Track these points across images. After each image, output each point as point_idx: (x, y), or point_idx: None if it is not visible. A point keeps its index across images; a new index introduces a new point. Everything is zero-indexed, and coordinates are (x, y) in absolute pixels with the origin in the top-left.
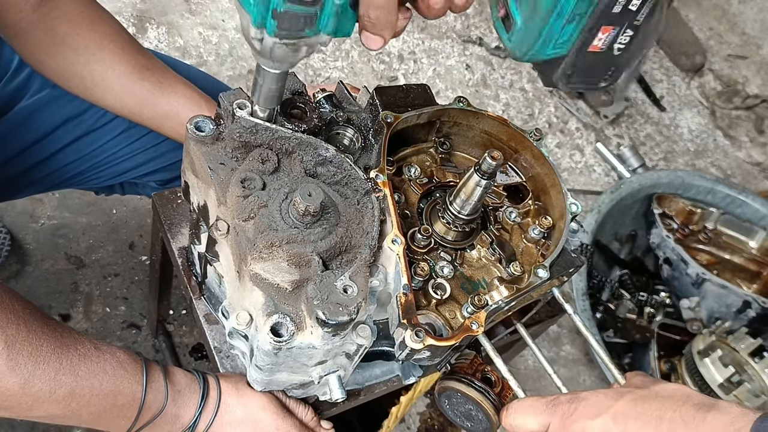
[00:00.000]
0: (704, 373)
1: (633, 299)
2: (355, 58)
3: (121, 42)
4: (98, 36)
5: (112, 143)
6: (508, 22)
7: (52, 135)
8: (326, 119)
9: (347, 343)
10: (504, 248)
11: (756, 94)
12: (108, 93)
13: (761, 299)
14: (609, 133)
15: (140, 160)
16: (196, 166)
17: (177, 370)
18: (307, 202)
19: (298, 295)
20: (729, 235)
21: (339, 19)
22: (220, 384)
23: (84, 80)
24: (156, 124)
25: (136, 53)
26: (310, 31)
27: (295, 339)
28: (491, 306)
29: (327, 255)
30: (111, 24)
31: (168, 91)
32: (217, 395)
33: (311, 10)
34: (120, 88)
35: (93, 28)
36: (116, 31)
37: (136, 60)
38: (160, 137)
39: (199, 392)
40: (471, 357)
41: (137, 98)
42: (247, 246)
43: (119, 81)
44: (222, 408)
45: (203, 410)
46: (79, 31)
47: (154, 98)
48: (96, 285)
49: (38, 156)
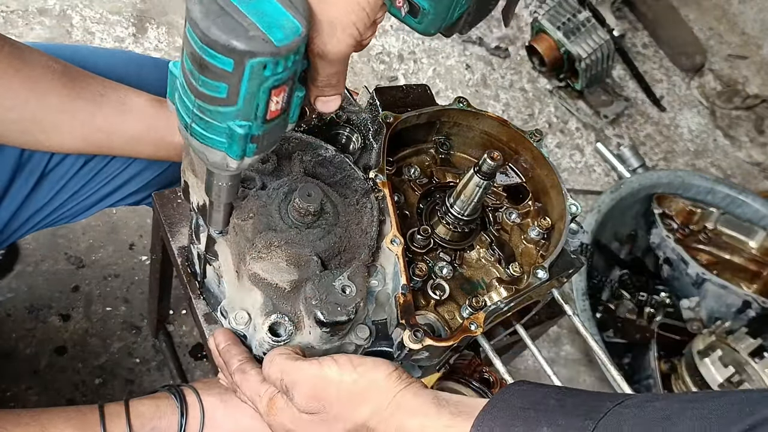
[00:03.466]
0: (704, 373)
1: (633, 299)
2: (355, 58)
3: (58, 77)
4: (31, 83)
5: (73, 181)
6: (413, 11)
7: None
8: (326, 119)
9: (346, 343)
10: (503, 249)
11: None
12: (66, 136)
13: (761, 299)
14: (609, 133)
15: (107, 190)
16: (196, 166)
17: (145, 401)
18: (307, 202)
19: (296, 295)
20: (729, 235)
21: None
22: (202, 399)
23: (32, 132)
24: (127, 151)
25: (76, 83)
26: (282, 132)
27: (293, 339)
28: (490, 307)
29: (326, 255)
30: (39, 62)
31: (127, 112)
32: (200, 413)
33: (284, 116)
34: (80, 127)
35: (22, 76)
36: (48, 68)
37: (83, 90)
38: (126, 161)
39: (177, 414)
40: (470, 358)
41: (101, 131)
42: (246, 246)
43: (77, 120)
44: (208, 423)
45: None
46: (10, 86)
47: (119, 124)
48: (96, 285)
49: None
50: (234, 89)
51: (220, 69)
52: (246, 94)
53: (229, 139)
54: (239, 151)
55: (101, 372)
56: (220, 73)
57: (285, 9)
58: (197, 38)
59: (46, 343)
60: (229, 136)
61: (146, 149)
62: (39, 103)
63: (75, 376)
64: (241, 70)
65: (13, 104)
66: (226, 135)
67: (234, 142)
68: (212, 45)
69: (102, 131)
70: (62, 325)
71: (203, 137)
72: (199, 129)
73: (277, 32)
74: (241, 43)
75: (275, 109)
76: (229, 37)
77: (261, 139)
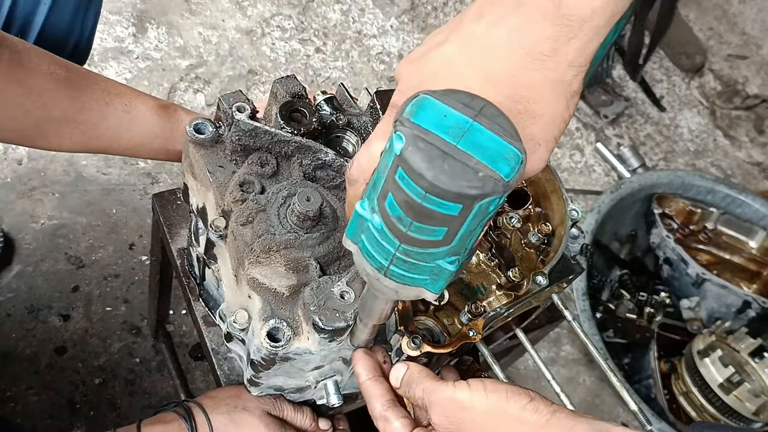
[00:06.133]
0: (704, 373)
1: (633, 299)
2: (355, 58)
3: (62, 86)
4: (34, 95)
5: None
6: None
7: None
8: (326, 122)
9: (344, 348)
10: (503, 253)
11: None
12: (66, 142)
13: (761, 299)
14: (609, 133)
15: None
16: (195, 169)
17: (156, 426)
18: (306, 207)
19: (295, 300)
20: (729, 235)
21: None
22: (211, 419)
23: (32, 138)
24: (127, 155)
25: (80, 91)
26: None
27: (291, 344)
28: (489, 313)
29: (325, 260)
30: (41, 68)
31: (132, 121)
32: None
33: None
34: (82, 135)
35: (24, 88)
36: (51, 76)
37: (88, 100)
38: None
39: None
40: (469, 363)
41: (103, 138)
42: (245, 250)
43: (79, 130)
44: None
45: None
46: (12, 97)
47: (122, 134)
48: (96, 285)
49: None
50: (453, 231)
51: (444, 215)
52: (465, 232)
53: (435, 276)
54: (443, 285)
55: (101, 372)
56: (442, 218)
57: (500, 137)
58: (420, 188)
59: (46, 343)
60: (436, 274)
61: (146, 154)
62: (41, 114)
63: (75, 376)
64: (467, 213)
65: (15, 115)
66: (432, 273)
67: (440, 279)
68: (441, 194)
69: (103, 139)
70: (62, 325)
71: (402, 277)
72: (400, 270)
73: (503, 166)
74: (475, 188)
75: (481, 238)
76: (461, 183)
77: (462, 267)
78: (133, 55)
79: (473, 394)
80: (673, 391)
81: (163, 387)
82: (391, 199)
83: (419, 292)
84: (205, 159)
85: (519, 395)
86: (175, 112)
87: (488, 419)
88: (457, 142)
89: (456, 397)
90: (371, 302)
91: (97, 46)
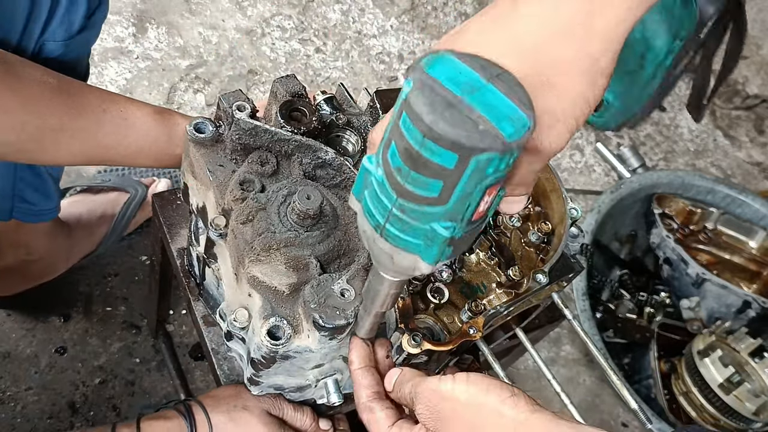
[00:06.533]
0: (704, 373)
1: (633, 299)
2: (355, 58)
3: (57, 94)
4: (30, 105)
5: None
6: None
7: None
8: (326, 122)
9: (344, 346)
10: (503, 252)
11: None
12: (64, 153)
13: (761, 299)
14: (609, 133)
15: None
16: (195, 168)
17: (156, 423)
18: (306, 205)
19: (295, 299)
20: (729, 235)
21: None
22: (211, 417)
23: (30, 151)
24: (126, 163)
25: (75, 99)
26: (475, 236)
27: (291, 342)
28: (489, 311)
29: (325, 258)
30: (34, 78)
31: (129, 128)
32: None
33: (484, 218)
34: (80, 145)
35: (19, 98)
36: (45, 85)
37: (84, 108)
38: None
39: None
40: (469, 362)
41: (101, 147)
42: (245, 248)
43: (77, 139)
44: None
45: None
46: (7, 107)
47: (120, 140)
48: (96, 285)
49: None
50: (449, 188)
51: (439, 166)
52: (461, 193)
53: (428, 242)
54: (436, 254)
55: (101, 372)
56: (437, 170)
57: (511, 101)
58: (419, 132)
59: (46, 343)
60: (429, 239)
61: (146, 161)
62: (38, 124)
63: (75, 376)
64: (462, 168)
65: (11, 125)
66: (426, 237)
67: (434, 245)
68: (437, 139)
69: (102, 147)
70: (62, 325)
71: (396, 239)
72: (394, 230)
73: (507, 126)
74: (471, 138)
75: (482, 210)
76: (458, 131)
77: (459, 242)
78: (133, 55)
79: (456, 386)
80: (673, 391)
81: (163, 387)
82: (393, 148)
83: (414, 261)
84: (206, 158)
85: (500, 389)
86: (172, 117)
87: (468, 410)
88: (464, 95)
89: (439, 388)
90: (374, 283)
91: (97, 46)
